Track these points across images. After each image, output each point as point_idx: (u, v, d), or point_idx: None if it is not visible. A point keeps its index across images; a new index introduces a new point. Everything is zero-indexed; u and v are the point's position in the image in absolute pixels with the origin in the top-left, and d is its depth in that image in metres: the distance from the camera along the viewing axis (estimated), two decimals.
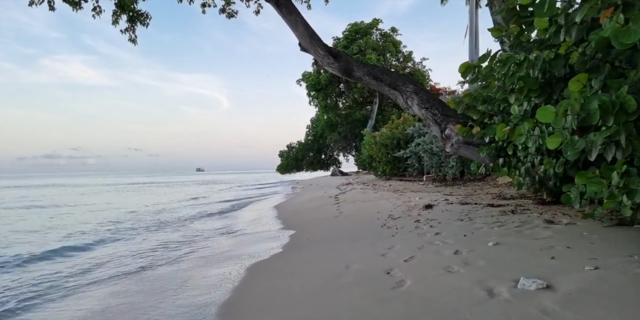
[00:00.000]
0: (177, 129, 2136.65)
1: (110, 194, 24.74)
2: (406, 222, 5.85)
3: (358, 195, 10.32)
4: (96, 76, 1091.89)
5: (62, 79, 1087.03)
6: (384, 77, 7.40)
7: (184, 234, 7.56)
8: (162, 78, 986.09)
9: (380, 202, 8.63)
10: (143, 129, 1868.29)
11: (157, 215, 11.12)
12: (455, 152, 6.72)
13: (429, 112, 6.94)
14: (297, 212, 8.97)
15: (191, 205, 14.23)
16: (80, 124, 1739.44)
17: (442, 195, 8.50)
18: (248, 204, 13.82)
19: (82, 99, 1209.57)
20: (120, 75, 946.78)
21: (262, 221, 8.42)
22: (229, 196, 18.71)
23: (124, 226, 8.89)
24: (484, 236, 4.26)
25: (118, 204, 15.63)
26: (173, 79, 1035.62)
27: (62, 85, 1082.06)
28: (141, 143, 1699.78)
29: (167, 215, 11.07)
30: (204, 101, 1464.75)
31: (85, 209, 14.04)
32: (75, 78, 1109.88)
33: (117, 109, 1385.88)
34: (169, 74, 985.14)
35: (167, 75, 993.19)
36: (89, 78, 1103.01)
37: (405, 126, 17.15)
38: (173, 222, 9.48)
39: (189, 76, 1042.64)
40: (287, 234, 6.42)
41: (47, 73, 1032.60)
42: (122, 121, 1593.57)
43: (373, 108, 34.47)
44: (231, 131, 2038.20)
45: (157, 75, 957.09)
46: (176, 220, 9.84)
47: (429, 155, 13.52)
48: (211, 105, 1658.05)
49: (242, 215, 10.02)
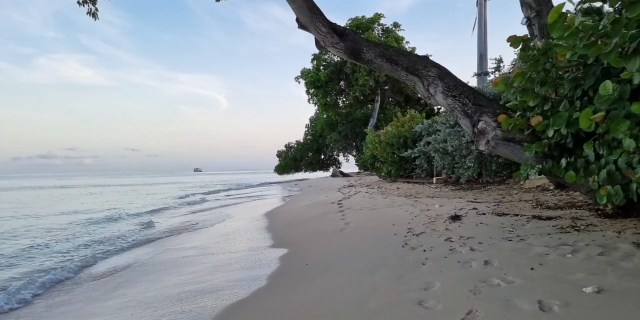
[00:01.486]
0: (175, 129, 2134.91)
1: (85, 197, 23.25)
2: (434, 241, 4.55)
3: (365, 201, 9.00)
4: (93, 76, 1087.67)
5: (58, 79, 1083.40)
6: (399, 59, 6.08)
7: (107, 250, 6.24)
8: (161, 78, 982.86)
9: (393, 210, 7.32)
10: (141, 129, 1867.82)
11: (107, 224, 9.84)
12: (492, 150, 5.40)
13: (457, 102, 5.63)
14: (292, 222, 7.64)
15: (158, 209, 12.98)
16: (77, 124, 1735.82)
17: (466, 202, 7.20)
18: (233, 210, 12.47)
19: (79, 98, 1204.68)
20: (118, 75, 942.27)
21: (246, 235, 7.01)
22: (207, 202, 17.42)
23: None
24: (562, 271, 2.96)
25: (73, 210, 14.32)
26: (172, 78, 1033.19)
27: (58, 85, 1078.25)
28: (139, 143, 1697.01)
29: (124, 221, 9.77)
30: (203, 101, 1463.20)
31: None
32: (72, 78, 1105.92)
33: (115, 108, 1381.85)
34: (168, 73, 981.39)
35: (165, 75, 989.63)
36: (86, 78, 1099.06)
37: (413, 124, 15.85)
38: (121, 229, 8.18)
39: (188, 76, 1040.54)
40: (276, 254, 5.10)
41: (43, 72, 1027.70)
42: (120, 121, 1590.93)
43: (374, 106, 33.19)
44: (230, 131, 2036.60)
45: (156, 75, 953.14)
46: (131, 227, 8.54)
47: (441, 155, 12.21)
48: (210, 106, 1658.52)
49: (220, 227, 8.60)
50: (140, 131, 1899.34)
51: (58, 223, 10.47)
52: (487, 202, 7.00)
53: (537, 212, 5.57)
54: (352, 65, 29.62)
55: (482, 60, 20.10)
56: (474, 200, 7.31)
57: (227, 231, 7.52)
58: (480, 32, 20.28)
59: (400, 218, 6.34)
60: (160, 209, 13.64)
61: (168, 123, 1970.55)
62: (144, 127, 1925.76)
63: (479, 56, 20.00)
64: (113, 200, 19.68)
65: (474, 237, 4.51)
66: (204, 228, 8.45)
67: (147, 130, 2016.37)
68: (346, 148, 40.40)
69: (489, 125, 5.25)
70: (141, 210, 13.29)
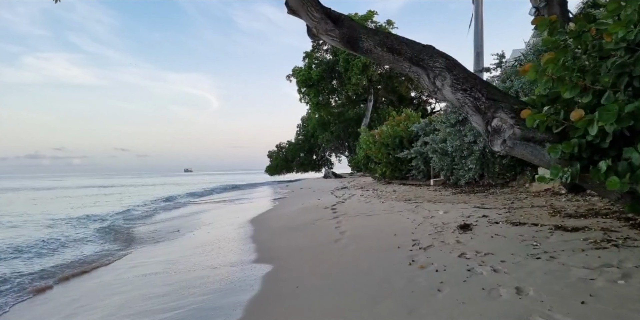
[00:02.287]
0: (166, 129, 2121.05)
1: (61, 200, 22.14)
2: (446, 257, 3.89)
3: (361, 206, 8.33)
4: (82, 75, 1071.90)
5: (46, 78, 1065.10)
6: (402, 48, 5.40)
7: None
8: (151, 77, 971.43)
9: (393, 217, 6.66)
10: (131, 129, 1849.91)
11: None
12: (509, 151, 4.76)
13: (468, 96, 4.98)
14: (280, 231, 6.93)
15: (137, 214, 12.11)
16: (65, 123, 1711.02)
17: (473, 208, 6.56)
18: (216, 215, 11.71)
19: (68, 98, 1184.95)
20: (108, 74, 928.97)
21: (226, 246, 6.18)
22: (191, 205, 16.61)
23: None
24: (622, 305, 2.31)
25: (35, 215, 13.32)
26: (162, 78, 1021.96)
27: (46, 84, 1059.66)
28: (129, 143, 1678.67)
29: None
30: (194, 101, 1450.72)
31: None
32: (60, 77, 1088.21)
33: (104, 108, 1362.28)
34: (159, 73, 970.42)
35: (156, 75, 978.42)
36: (75, 77, 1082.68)
37: (409, 123, 15.24)
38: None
39: (178, 75, 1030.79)
40: (260, 271, 4.39)
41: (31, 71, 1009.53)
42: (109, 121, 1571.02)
43: (368, 106, 32.59)
44: (221, 131, 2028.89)
45: (146, 75, 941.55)
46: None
47: (439, 155, 11.60)
48: (201, 105, 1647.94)
49: (200, 235, 7.71)
50: (130, 131, 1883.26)
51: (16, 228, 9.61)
52: (496, 208, 6.37)
53: (557, 221, 4.94)
54: (344, 64, 28.97)
55: (479, 57, 19.58)
56: (482, 206, 6.68)
57: (206, 240, 6.77)
58: (477, 30, 19.77)
59: (402, 227, 5.67)
60: (138, 214, 12.68)
61: (159, 123, 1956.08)
62: (134, 127, 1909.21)
63: (475, 54, 19.46)
64: (90, 203, 18.64)
65: (493, 252, 3.86)
66: (181, 236, 7.67)
67: (137, 130, 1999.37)
68: (338, 148, 39.77)
69: (505, 123, 4.60)
70: (116, 214, 12.36)
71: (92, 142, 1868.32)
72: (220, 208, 14.07)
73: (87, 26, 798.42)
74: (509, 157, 9.24)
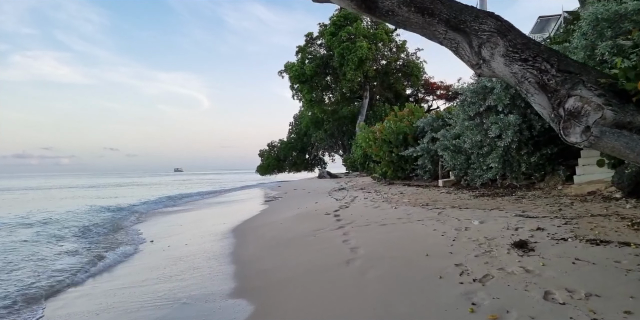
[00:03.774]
0: (155, 129, 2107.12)
1: (34, 202, 20.31)
2: (522, 298, 2.59)
3: (369, 212, 6.99)
4: (70, 74, 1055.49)
5: (34, 76, 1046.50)
6: (436, 7, 4.03)
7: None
8: (140, 76, 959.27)
9: (414, 227, 5.33)
10: (120, 129, 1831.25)
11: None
12: (594, 143, 3.44)
13: (530, 68, 3.64)
14: (270, 245, 5.52)
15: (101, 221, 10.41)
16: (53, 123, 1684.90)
17: (515, 216, 5.27)
18: (191, 222, 10.14)
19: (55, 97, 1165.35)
20: (96, 73, 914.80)
21: (195, 268, 4.62)
22: (167, 210, 15.09)
23: None
24: None
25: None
26: (151, 77, 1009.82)
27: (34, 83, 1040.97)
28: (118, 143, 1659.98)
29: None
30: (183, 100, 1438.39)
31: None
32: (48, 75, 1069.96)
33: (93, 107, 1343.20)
34: (147, 72, 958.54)
35: (145, 74, 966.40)
36: (63, 75, 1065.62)
37: (413, 118, 13.95)
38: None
39: (168, 75, 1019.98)
40: (236, 316, 3.02)
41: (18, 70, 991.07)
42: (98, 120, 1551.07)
43: (363, 103, 31.31)
44: (212, 131, 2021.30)
45: (135, 74, 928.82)
46: None
47: (452, 153, 10.32)
48: (191, 105, 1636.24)
49: (165, 251, 5.99)
50: (119, 130, 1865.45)
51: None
52: (545, 217, 5.08)
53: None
54: (339, 58, 27.61)
55: None
56: (524, 214, 5.38)
57: (170, 259, 5.31)
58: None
59: (432, 243, 4.35)
60: (101, 221, 10.34)
61: (148, 122, 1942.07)
62: (123, 127, 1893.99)
63: None
64: (59, 206, 16.60)
65: (596, 293, 2.55)
66: (140, 252, 6.16)
67: (126, 129, 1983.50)
68: (332, 147, 38.44)
69: (588, 103, 3.27)
70: (84, 220, 10.61)
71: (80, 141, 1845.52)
72: (202, 211, 12.62)
73: (76, 25, 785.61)
74: (538, 154, 7.99)
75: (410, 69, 30.55)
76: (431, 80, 33.27)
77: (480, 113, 8.39)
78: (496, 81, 7.71)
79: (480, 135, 8.30)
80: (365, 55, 26.72)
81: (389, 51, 30.87)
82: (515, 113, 7.68)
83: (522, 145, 7.94)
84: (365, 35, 28.28)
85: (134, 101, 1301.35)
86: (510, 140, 7.51)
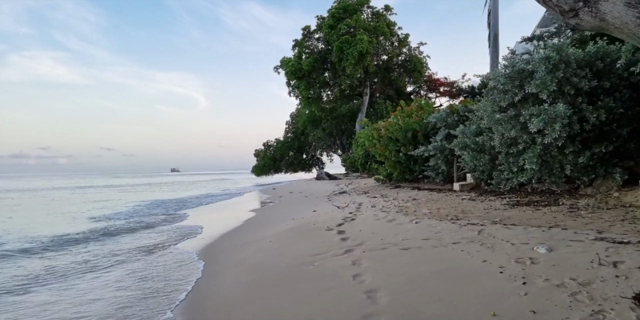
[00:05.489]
0: (152, 129, 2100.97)
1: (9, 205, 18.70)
2: None
3: (383, 227, 5.47)
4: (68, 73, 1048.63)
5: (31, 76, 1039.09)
6: None
7: None
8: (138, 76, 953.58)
9: (451, 254, 3.82)
10: (117, 128, 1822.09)
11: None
12: None
13: None
14: (250, 282, 3.90)
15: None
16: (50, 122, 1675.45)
17: (595, 240, 3.76)
18: (140, 241, 7.18)
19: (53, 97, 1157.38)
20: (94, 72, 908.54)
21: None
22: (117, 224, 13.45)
23: None
24: None
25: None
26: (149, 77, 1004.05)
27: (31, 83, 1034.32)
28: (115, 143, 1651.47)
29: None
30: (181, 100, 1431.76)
31: None
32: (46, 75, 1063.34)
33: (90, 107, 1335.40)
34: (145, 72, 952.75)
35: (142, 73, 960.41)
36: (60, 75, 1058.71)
37: (423, 114, 12.45)
38: None
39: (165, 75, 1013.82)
40: None
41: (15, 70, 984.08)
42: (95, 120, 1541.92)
43: (363, 100, 29.78)
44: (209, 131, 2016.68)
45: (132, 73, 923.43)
46: None
47: (472, 153, 8.83)
48: (189, 105, 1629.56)
49: (87, 290, 4.22)
50: (116, 130, 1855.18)
51: None
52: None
53: None
54: (338, 53, 26.08)
55: (496, 40, 16.99)
56: (605, 236, 3.88)
57: (100, 298, 3.80)
58: (494, 8, 17.18)
59: (490, 287, 2.85)
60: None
61: (145, 122, 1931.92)
62: (120, 126, 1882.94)
63: (493, 35, 16.85)
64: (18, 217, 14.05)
65: None
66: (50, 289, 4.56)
67: (124, 129, 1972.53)
68: (330, 147, 36.93)
69: None
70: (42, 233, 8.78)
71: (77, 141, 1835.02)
72: (167, 224, 10.08)
73: (73, 24, 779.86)
74: (587, 154, 6.50)
75: (413, 65, 29.06)
76: (434, 76, 31.80)
77: (514, 103, 6.89)
78: (539, 62, 6.21)
79: (515, 130, 6.79)
80: (366, 49, 25.18)
81: (390, 45, 29.33)
82: (561, 102, 6.19)
83: (568, 142, 6.44)
84: (365, 28, 26.74)
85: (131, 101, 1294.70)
86: (557, 136, 6.00)
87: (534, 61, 6.31)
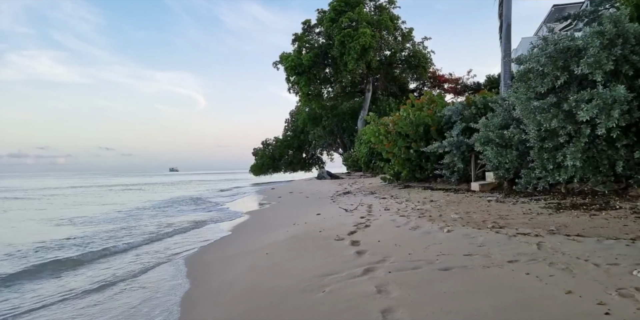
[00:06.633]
0: (151, 128, 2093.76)
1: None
2: None
3: (406, 236, 4.43)
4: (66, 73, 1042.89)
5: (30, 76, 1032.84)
6: None
7: None
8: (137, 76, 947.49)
9: (512, 279, 2.78)
10: (115, 128, 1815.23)
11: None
12: None
13: None
14: (242, 313, 2.90)
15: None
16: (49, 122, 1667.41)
17: None
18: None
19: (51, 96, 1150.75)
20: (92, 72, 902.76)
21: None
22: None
23: None
24: None
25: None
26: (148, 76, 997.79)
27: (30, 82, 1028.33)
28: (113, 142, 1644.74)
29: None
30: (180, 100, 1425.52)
31: None
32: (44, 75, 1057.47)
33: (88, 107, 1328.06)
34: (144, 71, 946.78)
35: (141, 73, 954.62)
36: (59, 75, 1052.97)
37: (436, 107, 11.41)
38: None
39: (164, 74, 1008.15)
40: None
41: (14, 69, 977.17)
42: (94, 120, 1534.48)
43: (365, 97, 28.73)
44: (208, 130, 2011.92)
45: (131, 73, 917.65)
46: None
47: (496, 148, 7.81)
48: (188, 104, 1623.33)
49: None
50: (115, 130, 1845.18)
51: None
52: None
53: None
54: (340, 47, 25.03)
55: (508, 30, 15.96)
56: None
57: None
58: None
59: None
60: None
61: (144, 122, 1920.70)
62: (118, 126, 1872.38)
63: (506, 26, 15.80)
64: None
65: None
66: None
67: (122, 129, 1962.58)
68: (331, 145, 35.91)
69: None
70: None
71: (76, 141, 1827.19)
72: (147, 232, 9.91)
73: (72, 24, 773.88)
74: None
75: (417, 60, 28.04)
76: (439, 72, 30.78)
77: (555, 88, 5.85)
78: (591, 36, 5.17)
79: (556, 120, 5.74)
80: (369, 43, 24.14)
81: (393, 40, 28.28)
82: (617, 85, 5.15)
83: (621, 134, 5.41)
84: (368, 21, 25.69)
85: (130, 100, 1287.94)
86: (613, 126, 4.96)
87: (585, 35, 5.27)
